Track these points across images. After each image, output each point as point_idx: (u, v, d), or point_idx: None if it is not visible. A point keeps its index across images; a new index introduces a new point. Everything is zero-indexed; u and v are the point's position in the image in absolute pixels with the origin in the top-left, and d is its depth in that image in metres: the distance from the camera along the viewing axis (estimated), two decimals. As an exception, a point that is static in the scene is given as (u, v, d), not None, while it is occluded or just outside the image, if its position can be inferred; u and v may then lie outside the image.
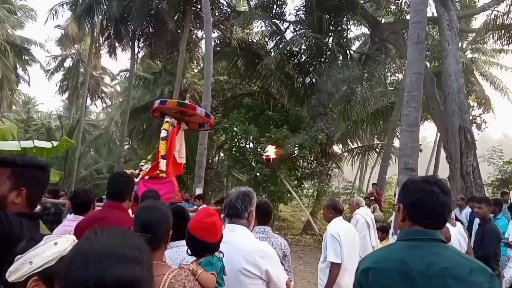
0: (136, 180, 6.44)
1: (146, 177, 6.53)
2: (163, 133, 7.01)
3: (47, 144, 5.65)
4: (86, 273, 0.80)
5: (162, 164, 6.74)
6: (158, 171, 6.66)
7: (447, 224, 4.52)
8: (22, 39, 27.60)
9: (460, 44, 16.86)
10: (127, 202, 2.88)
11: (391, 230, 7.17)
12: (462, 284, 1.39)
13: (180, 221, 2.24)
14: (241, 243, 2.22)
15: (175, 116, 7.19)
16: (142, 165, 6.81)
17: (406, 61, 9.13)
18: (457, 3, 16.91)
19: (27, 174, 1.71)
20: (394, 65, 22.19)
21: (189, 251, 1.94)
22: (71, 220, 3.32)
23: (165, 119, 7.12)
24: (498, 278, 4.70)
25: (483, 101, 22.57)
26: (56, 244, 1.22)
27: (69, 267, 0.83)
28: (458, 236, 4.50)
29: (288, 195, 15.16)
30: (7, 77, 24.87)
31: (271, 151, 6.99)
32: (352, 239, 4.16)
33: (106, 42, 22.81)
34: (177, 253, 2.34)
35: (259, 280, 2.19)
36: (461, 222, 7.17)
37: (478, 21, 21.49)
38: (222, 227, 1.97)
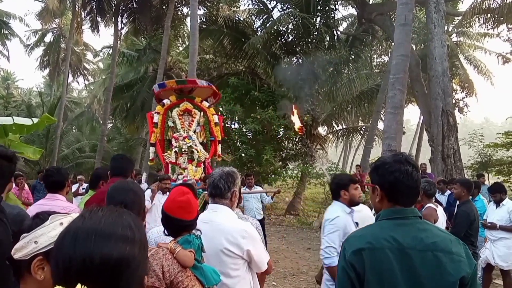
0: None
1: (209, 161, 7.05)
2: (216, 119, 7.32)
3: (27, 121, 5.52)
4: (74, 250, 0.81)
5: (219, 149, 7.31)
6: (216, 156, 7.24)
7: (432, 205, 4.61)
8: (1, 13, 26.54)
9: (446, 27, 16.90)
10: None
11: (372, 211, 7.30)
12: (449, 255, 1.47)
13: None
14: (223, 223, 2.22)
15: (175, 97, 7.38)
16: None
17: (393, 43, 9.13)
18: (444, -14, 16.84)
19: None
20: (380, 47, 22.20)
21: (165, 231, 1.92)
22: (46, 199, 3.26)
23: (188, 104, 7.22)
24: (475, 258, 4.84)
25: (466, 84, 22.84)
26: (62, 224, 1.22)
27: (59, 244, 0.84)
28: (442, 217, 4.60)
29: (273, 175, 15.26)
30: (-16, 51, 24.02)
31: (296, 121, 7.07)
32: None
33: (88, 17, 22.10)
34: None
35: (241, 260, 2.20)
36: (440, 204, 7.34)
37: (464, 4, 21.57)
38: (197, 205, 1.96)
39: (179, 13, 21.39)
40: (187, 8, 20.46)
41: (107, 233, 0.82)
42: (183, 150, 6.80)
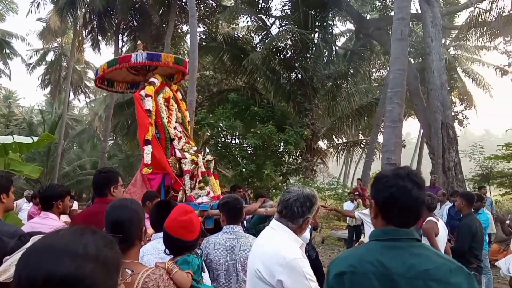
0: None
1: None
2: (188, 116, 5.75)
3: (27, 140, 5.52)
4: (23, 268, 0.80)
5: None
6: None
7: (433, 218, 4.59)
8: (3, 32, 26.95)
9: (443, 40, 17.08)
10: (109, 197, 2.91)
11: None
12: (445, 286, 1.31)
13: (164, 213, 2.21)
14: (267, 243, 2.02)
15: (132, 80, 5.59)
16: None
17: (391, 58, 9.19)
18: (440, 0, 17.11)
19: None
20: (378, 61, 22.38)
21: (167, 250, 1.91)
22: (39, 217, 3.23)
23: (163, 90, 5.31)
24: (479, 272, 4.77)
25: (465, 97, 22.94)
26: None
27: (17, 264, 0.84)
28: (443, 230, 4.57)
29: (274, 190, 15.21)
30: (-14, 71, 24.26)
31: None
32: None
33: (89, 36, 22.42)
34: (160, 243, 2.31)
35: None
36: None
37: (461, 18, 21.84)
38: (199, 225, 1.94)
39: (179, 30, 21.67)
40: (186, 26, 20.74)
41: (57, 250, 0.80)
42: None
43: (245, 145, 15.15)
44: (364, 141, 19.69)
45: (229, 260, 2.69)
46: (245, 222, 5.00)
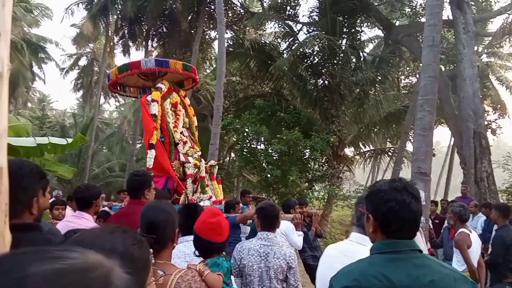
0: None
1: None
2: (196, 121, 5.90)
3: (61, 141, 5.71)
4: None
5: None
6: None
7: (465, 230, 4.44)
8: (38, 37, 28.01)
9: (475, 47, 16.64)
10: (143, 199, 2.99)
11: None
12: None
13: (190, 216, 2.24)
14: (355, 256, 1.95)
15: (142, 85, 5.85)
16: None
17: (421, 64, 9.04)
18: (473, 6, 16.68)
19: None
20: (408, 68, 21.98)
21: (196, 252, 1.94)
22: (73, 216, 3.31)
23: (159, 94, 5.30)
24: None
25: (499, 106, 22.22)
26: None
27: None
28: (475, 242, 4.42)
29: (299, 197, 15.10)
30: (22, 75, 25.27)
31: None
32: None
33: (120, 42, 23.09)
34: (186, 247, 2.34)
35: None
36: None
37: (494, 25, 21.21)
38: (228, 227, 1.96)
39: (207, 37, 21.98)
40: (214, 32, 21.03)
41: (85, 246, 0.80)
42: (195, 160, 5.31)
43: (270, 151, 15.12)
44: (392, 149, 19.33)
45: (262, 267, 2.69)
46: (245, 226, 5.15)
